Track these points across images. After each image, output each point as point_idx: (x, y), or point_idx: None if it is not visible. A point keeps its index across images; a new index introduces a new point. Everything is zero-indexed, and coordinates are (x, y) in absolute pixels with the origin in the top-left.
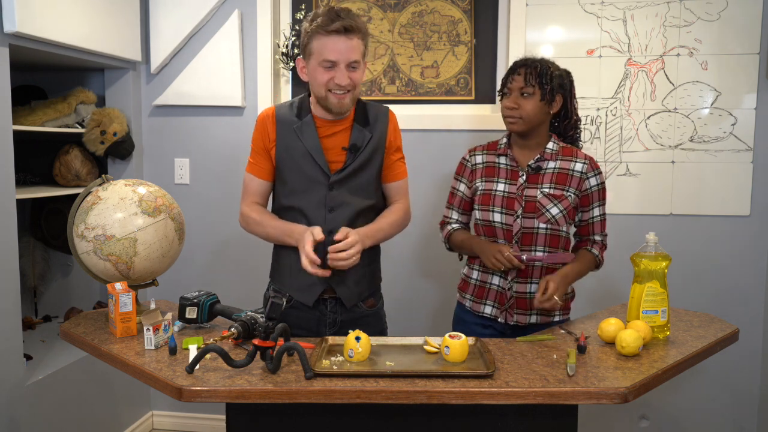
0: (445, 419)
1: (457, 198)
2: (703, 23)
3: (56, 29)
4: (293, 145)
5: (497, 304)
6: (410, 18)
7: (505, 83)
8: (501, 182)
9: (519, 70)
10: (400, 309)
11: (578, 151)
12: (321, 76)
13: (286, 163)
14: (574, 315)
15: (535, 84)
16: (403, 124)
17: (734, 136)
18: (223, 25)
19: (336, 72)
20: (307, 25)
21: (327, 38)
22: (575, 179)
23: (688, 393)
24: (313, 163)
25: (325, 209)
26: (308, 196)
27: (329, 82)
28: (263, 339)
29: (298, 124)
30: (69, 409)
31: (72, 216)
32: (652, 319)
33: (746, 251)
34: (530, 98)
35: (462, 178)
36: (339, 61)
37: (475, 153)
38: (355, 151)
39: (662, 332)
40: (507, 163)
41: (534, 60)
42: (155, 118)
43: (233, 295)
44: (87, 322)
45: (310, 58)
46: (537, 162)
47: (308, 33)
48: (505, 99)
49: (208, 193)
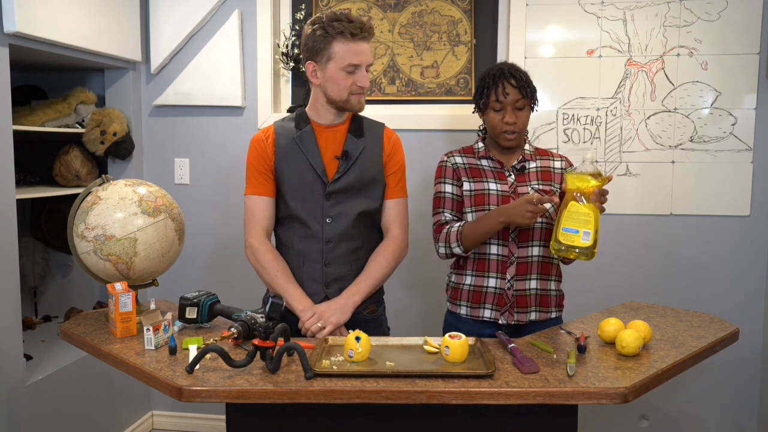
0: (445, 419)
1: (447, 200)
2: (703, 23)
3: (56, 29)
4: (293, 155)
5: (496, 306)
6: (410, 18)
7: (490, 97)
8: (491, 182)
9: (511, 81)
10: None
11: (551, 151)
12: (344, 80)
13: (286, 173)
14: (575, 315)
15: (528, 95)
16: (403, 124)
17: (734, 136)
18: (223, 25)
19: (358, 75)
20: (321, 30)
21: (352, 43)
22: (557, 175)
23: (688, 393)
24: (312, 171)
25: (323, 218)
26: (307, 205)
27: (352, 85)
28: (263, 339)
29: (297, 134)
30: (69, 409)
31: (72, 216)
32: (570, 238)
33: (746, 251)
34: (524, 110)
35: (446, 179)
36: (362, 64)
37: (453, 155)
38: (348, 158)
39: (586, 255)
40: (491, 165)
41: (517, 68)
42: (155, 118)
43: (233, 295)
44: (87, 322)
45: (328, 63)
46: (520, 162)
47: (324, 37)
48: (497, 113)
49: (208, 193)
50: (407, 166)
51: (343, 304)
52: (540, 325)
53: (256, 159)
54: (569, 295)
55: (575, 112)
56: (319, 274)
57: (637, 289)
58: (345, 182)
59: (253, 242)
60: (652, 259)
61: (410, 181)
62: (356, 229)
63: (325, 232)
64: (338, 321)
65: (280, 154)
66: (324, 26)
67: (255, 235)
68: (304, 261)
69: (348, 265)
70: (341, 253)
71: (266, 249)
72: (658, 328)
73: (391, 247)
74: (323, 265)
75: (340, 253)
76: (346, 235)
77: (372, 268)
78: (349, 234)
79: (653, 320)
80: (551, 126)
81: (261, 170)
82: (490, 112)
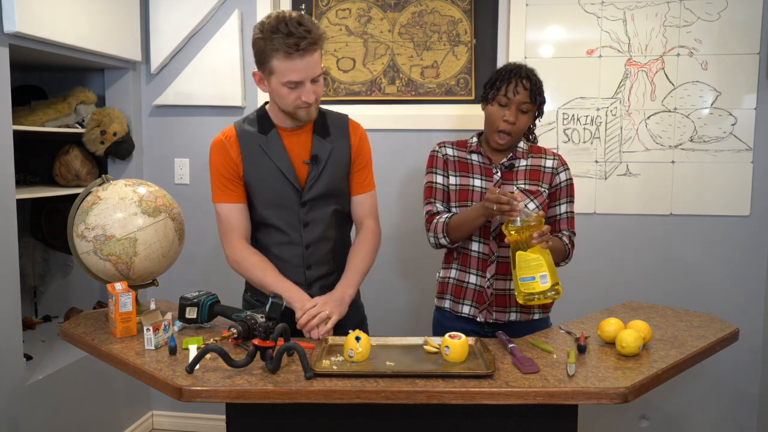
0: (445, 419)
1: (438, 191)
2: (703, 23)
3: (56, 29)
4: (261, 162)
5: (475, 303)
6: (410, 18)
7: (500, 90)
8: (477, 178)
9: (524, 82)
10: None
11: (546, 149)
12: (287, 95)
13: (256, 182)
14: (575, 315)
15: (535, 101)
16: (403, 124)
17: (734, 136)
18: (223, 25)
19: (302, 90)
20: (262, 42)
21: (288, 61)
22: (547, 175)
23: (688, 393)
24: (284, 179)
25: (300, 225)
26: (282, 213)
27: (296, 100)
28: (263, 339)
29: (263, 140)
30: (69, 409)
31: (72, 216)
32: (530, 286)
33: (746, 251)
34: (527, 114)
35: (437, 170)
36: (304, 80)
37: (445, 146)
38: (317, 162)
39: (550, 298)
40: (480, 161)
41: (532, 72)
42: (155, 118)
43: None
44: (87, 322)
45: (270, 77)
46: (510, 160)
47: (265, 50)
48: (500, 108)
49: (208, 193)
50: (405, 166)
51: (340, 296)
52: (524, 325)
53: (221, 165)
54: (569, 295)
55: (575, 112)
56: (301, 277)
57: (637, 289)
58: (319, 188)
59: (231, 251)
60: (652, 259)
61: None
62: (331, 229)
63: (303, 238)
64: (340, 313)
65: (247, 160)
66: (264, 37)
67: (233, 244)
68: (285, 266)
69: (327, 264)
70: (321, 255)
71: (248, 252)
72: (658, 328)
73: (371, 239)
74: (304, 268)
75: (319, 255)
76: (324, 237)
77: (357, 262)
78: (326, 236)
79: (653, 320)
80: (551, 126)
81: (228, 177)
82: (495, 105)
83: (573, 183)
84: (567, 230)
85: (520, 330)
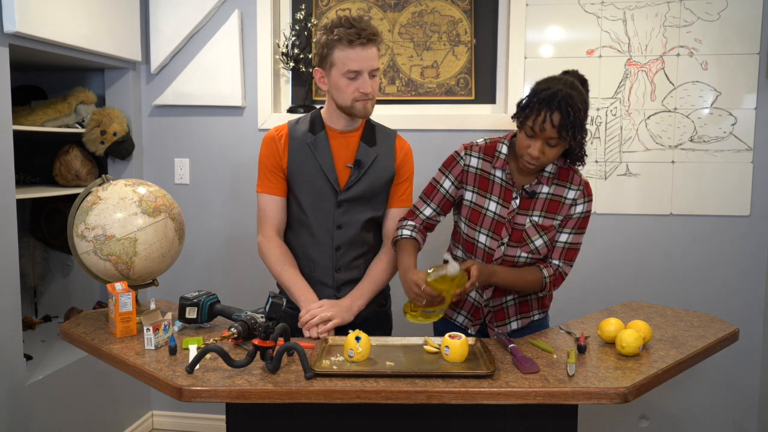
0: (445, 419)
1: (439, 195)
2: (703, 23)
3: (56, 29)
4: (305, 159)
5: (470, 316)
6: (410, 18)
7: (528, 119)
8: (493, 200)
9: (553, 118)
10: None
11: (575, 175)
12: (346, 86)
13: (297, 179)
14: (575, 315)
15: (568, 137)
16: (403, 124)
17: (734, 136)
18: (223, 25)
19: (360, 81)
20: (325, 37)
21: (350, 49)
22: (565, 207)
23: (688, 393)
24: (324, 177)
25: (333, 226)
26: (317, 212)
27: (354, 91)
28: (263, 339)
29: (311, 138)
30: (69, 409)
31: (72, 216)
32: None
33: (746, 251)
34: (555, 148)
35: (450, 174)
36: (363, 70)
37: (471, 153)
38: (360, 167)
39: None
40: (502, 180)
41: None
42: (155, 118)
43: (233, 295)
44: (87, 322)
45: (331, 69)
46: (533, 186)
47: (327, 44)
48: (527, 139)
49: (208, 193)
50: None
51: (349, 305)
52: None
53: (268, 157)
54: (569, 296)
55: None
56: (330, 279)
57: (637, 289)
58: (356, 191)
59: (261, 239)
60: (652, 259)
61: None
62: (364, 235)
63: (335, 240)
64: (344, 319)
65: (292, 157)
66: (326, 33)
67: (265, 232)
68: (315, 267)
69: (357, 269)
70: (351, 259)
71: (274, 245)
72: (658, 328)
73: (394, 254)
74: (334, 270)
75: (349, 259)
76: (355, 241)
77: (376, 272)
78: (357, 240)
79: (653, 320)
80: None
81: (272, 169)
82: (522, 133)
83: (589, 216)
84: (558, 260)
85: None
